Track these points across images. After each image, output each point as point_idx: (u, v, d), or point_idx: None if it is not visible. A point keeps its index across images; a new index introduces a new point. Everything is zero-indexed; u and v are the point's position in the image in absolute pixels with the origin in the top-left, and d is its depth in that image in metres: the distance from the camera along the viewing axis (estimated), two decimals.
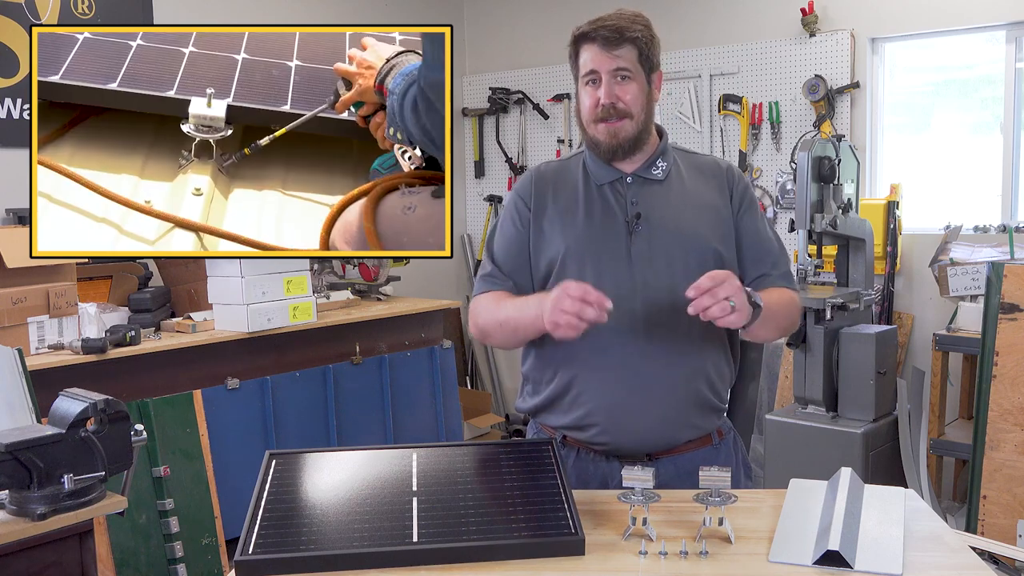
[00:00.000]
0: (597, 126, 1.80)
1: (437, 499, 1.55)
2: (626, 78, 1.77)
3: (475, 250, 5.74)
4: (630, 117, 1.78)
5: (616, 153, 1.81)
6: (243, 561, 1.39)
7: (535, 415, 1.91)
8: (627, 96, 1.77)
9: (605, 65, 1.76)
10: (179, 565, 3.25)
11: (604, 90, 1.76)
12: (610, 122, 1.78)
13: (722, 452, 1.87)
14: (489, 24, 5.65)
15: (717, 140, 4.80)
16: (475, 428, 5.04)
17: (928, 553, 1.43)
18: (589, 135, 1.83)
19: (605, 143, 1.80)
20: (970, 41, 4.22)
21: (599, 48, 1.76)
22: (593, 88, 1.78)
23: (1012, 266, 3.33)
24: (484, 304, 1.86)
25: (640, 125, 1.80)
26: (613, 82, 1.76)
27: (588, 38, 1.77)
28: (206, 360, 3.52)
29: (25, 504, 1.95)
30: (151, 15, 4.25)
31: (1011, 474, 3.27)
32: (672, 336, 1.77)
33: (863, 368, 3.46)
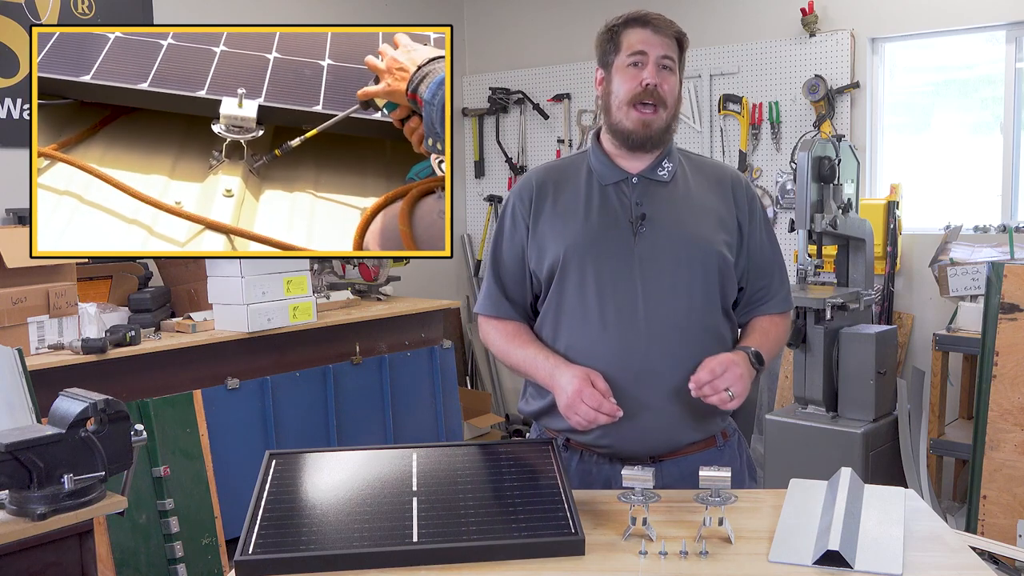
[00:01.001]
0: (630, 112, 1.78)
1: (437, 499, 1.55)
2: (669, 68, 1.78)
3: (475, 250, 5.74)
4: (664, 107, 1.78)
5: (644, 144, 1.80)
6: (243, 561, 1.39)
7: (538, 419, 1.91)
8: (667, 86, 1.78)
9: (656, 49, 1.77)
10: (179, 565, 3.25)
11: (650, 70, 1.76)
12: (646, 108, 1.77)
13: (726, 454, 1.86)
14: (489, 24, 5.65)
15: (717, 140, 4.80)
16: (475, 428, 5.04)
17: (928, 553, 1.43)
18: (615, 121, 1.80)
19: (636, 132, 1.78)
20: (970, 41, 4.22)
21: (651, 31, 1.78)
22: (636, 70, 1.77)
23: (1012, 266, 3.33)
24: (495, 333, 1.91)
25: (670, 119, 1.81)
26: (658, 68, 1.77)
27: (639, 21, 1.79)
28: (206, 360, 3.52)
29: (25, 504, 1.95)
30: (151, 15, 4.25)
31: (1011, 474, 3.27)
32: (675, 338, 1.76)
33: (863, 368, 3.46)
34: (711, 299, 1.81)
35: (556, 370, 1.74)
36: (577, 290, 1.79)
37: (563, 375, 1.71)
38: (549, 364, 1.77)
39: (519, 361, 1.84)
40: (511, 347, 1.86)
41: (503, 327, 1.90)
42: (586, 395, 1.65)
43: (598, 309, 1.77)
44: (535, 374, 1.81)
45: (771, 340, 1.85)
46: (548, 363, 1.77)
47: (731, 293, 1.85)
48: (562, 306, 1.81)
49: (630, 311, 1.76)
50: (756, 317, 1.89)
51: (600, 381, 1.69)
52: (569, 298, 1.80)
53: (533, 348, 1.83)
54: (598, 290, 1.77)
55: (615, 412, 1.65)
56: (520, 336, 1.87)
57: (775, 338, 1.88)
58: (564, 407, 1.69)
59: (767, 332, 1.86)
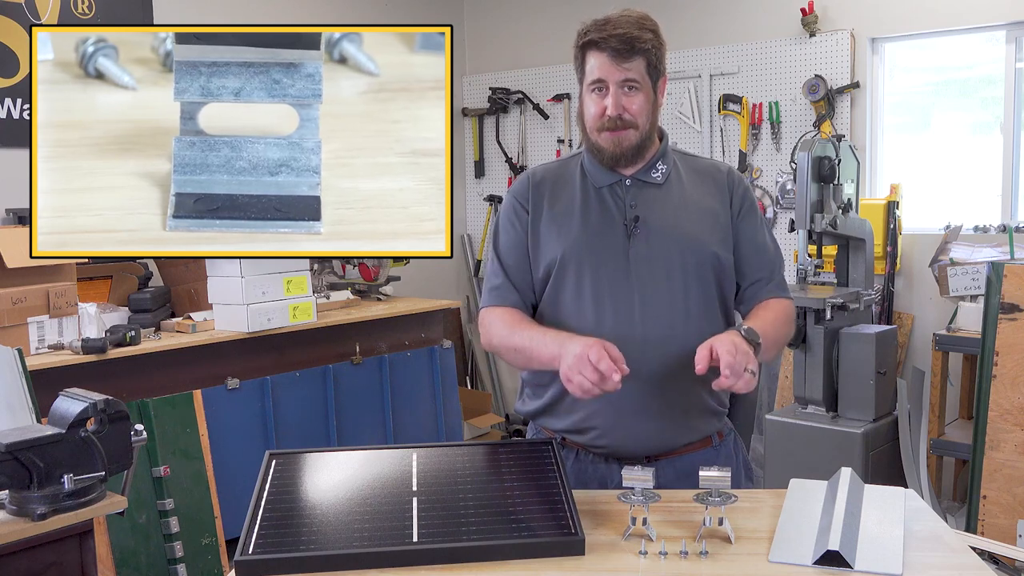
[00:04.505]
0: (601, 134, 1.78)
1: (437, 499, 1.55)
2: (634, 88, 1.75)
3: (475, 250, 5.73)
4: (635, 127, 1.77)
5: (619, 161, 1.80)
6: (243, 561, 1.39)
7: (535, 418, 1.91)
8: (633, 107, 1.75)
9: (613, 76, 1.73)
10: (179, 565, 3.25)
11: (611, 101, 1.74)
12: (614, 131, 1.76)
13: (722, 453, 1.86)
14: (489, 24, 5.65)
15: (717, 140, 4.80)
16: (475, 428, 5.04)
17: (928, 553, 1.43)
18: (592, 141, 1.81)
19: (609, 151, 1.78)
20: (970, 41, 4.22)
21: (608, 59, 1.73)
22: (599, 96, 1.76)
23: (1012, 266, 3.33)
24: (497, 322, 1.84)
25: (644, 134, 1.79)
26: (620, 93, 1.74)
27: (597, 46, 1.74)
28: (206, 360, 3.52)
29: (25, 504, 1.95)
30: (151, 15, 4.25)
31: (1011, 474, 3.27)
32: (671, 340, 1.76)
33: (863, 368, 3.46)
34: (707, 300, 1.80)
35: (569, 339, 1.65)
36: (573, 293, 1.79)
37: (576, 341, 1.63)
38: (561, 336, 1.69)
39: (526, 343, 1.75)
40: (514, 332, 1.79)
41: (506, 314, 1.83)
42: (593, 352, 1.56)
43: (594, 312, 1.77)
44: (540, 351, 1.71)
45: (768, 321, 1.79)
46: (559, 336, 1.69)
47: (729, 293, 1.85)
48: (558, 309, 1.81)
49: (626, 313, 1.76)
50: (754, 306, 1.87)
51: (613, 348, 1.60)
52: (565, 301, 1.80)
53: (540, 329, 1.77)
54: (594, 293, 1.77)
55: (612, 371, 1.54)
56: (524, 321, 1.82)
57: (772, 319, 1.81)
58: (567, 368, 1.58)
59: (763, 317, 1.81)
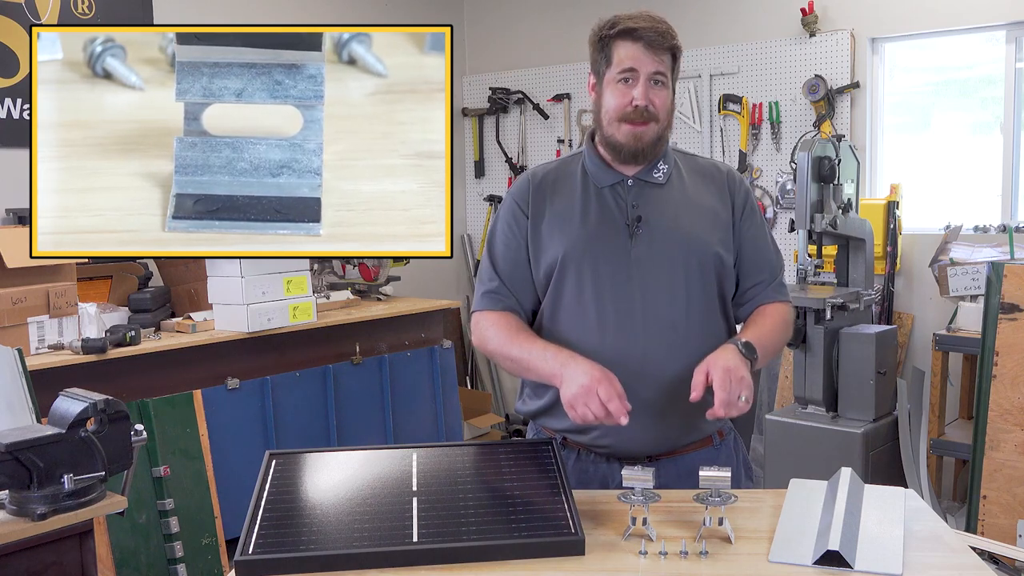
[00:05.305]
0: (621, 126, 1.77)
1: (437, 499, 1.55)
2: (660, 83, 1.76)
3: (475, 250, 5.73)
4: (656, 121, 1.77)
5: (637, 156, 1.79)
6: (243, 561, 1.39)
7: (535, 418, 1.91)
8: (658, 101, 1.76)
9: (647, 66, 1.74)
10: (179, 565, 3.25)
11: (640, 91, 1.74)
12: (636, 124, 1.76)
13: (722, 453, 1.87)
14: (489, 24, 5.65)
15: (717, 140, 4.80)
16: (475, 428, 5.04)
17: (928, 553, 1.43)
18: (608, 134, 1.79)
19: (628, 145, 1.77)
20: (970, 41, 4.22)
21: (643, 48, 1.74)
22: (626, 87, 1.75)
23: (1012, 266, 3.33)
24: (493, 329, 1.82)
25: (662, 131, 1.79)
26: (649, 85, 1.75)
27: (632, 35, 1.74)
28: (206, 360, 3.52)
29: (25, 504, 1.95)
30: (151, 15, 4.25)
31: (1011, 474, 3.27)
32: (673, 340, 1.76)
33: (863, 368, 3.46)
34: (708, 300, 1.81)
35: (571, 360, 1.66)
36: (574, 293, 1.79)
37: (578, 366, 1.64)
38: (562, 356, 1.69)
39: (524, 356, 1.75)
40: (511, 341, 1.78)
41: (503, 320, 1.82)
42: (603, 388, 1.58)
43: (596, 311, 1.77)
44: (539, 366, 1.72)
45: (766, 330, 1.80)
46: (560, 355, 1.69)
47: (729, 293, 1.85)
48: (559, 309, 1.81)
49: (627, 313, 1.76)
50: (753, 310, 1.88)
51: (617, 384, 1.61)
52: (566, 301, 1.80)
53: (540, 343, 1.76)
54: (595, 293, 1.77)
55: (621, 413, 1.57)
56: (523, 331, 1.81)
57: (771, 327, 1.82)
58: (572, 396, 1.59)
59: (762, 325, 1.82)
